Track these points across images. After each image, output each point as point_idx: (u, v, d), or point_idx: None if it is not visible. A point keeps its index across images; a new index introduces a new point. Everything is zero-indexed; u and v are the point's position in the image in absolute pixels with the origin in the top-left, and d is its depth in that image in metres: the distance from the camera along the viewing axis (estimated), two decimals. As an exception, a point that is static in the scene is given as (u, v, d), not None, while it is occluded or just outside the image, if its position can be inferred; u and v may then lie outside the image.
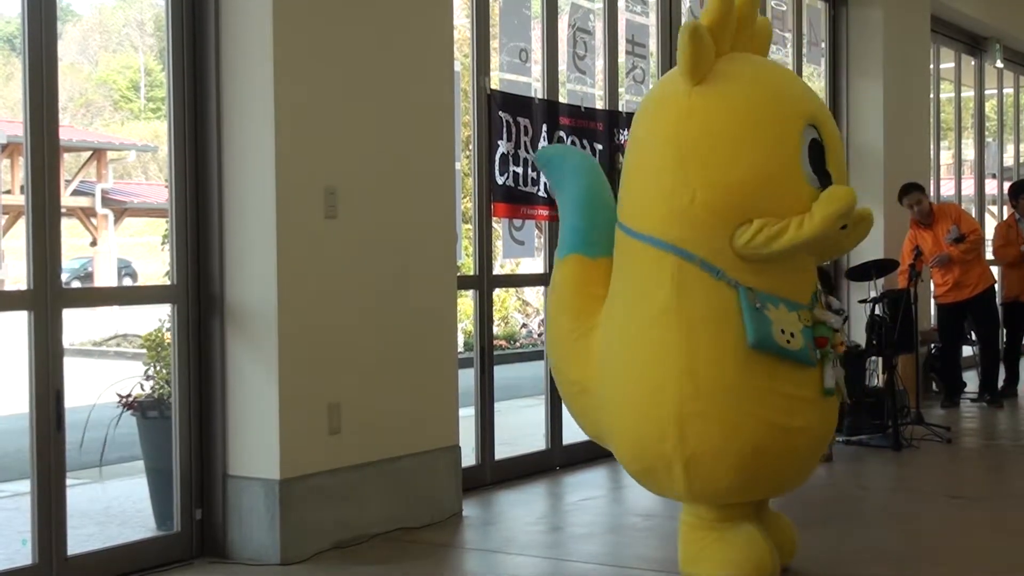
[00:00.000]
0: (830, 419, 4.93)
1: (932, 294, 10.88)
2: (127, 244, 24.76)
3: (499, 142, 7.12)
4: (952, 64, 13.39)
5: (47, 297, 4.88)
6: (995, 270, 11.31)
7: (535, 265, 8.60)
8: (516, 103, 7.27)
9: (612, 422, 4.96)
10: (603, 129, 7.94)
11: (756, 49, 5.02)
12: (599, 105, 8.12)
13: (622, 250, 4.96)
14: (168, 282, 5.53)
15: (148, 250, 22.85)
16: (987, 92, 14.29)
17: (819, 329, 4.74)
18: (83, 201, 20.26)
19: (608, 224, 5.22)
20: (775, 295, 4.66)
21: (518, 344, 17.51)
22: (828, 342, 4.74)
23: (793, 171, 4.64)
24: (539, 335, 16.80)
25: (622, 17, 8.32)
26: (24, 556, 4.98)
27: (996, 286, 10.92)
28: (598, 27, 8.19)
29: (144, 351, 6.09)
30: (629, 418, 4.84)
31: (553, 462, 7.63)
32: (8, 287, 16.04)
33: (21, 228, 4.94)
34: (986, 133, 14.61)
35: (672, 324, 4.67)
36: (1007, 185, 12.01)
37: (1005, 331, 11.32)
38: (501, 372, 7.64)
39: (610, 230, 5.19)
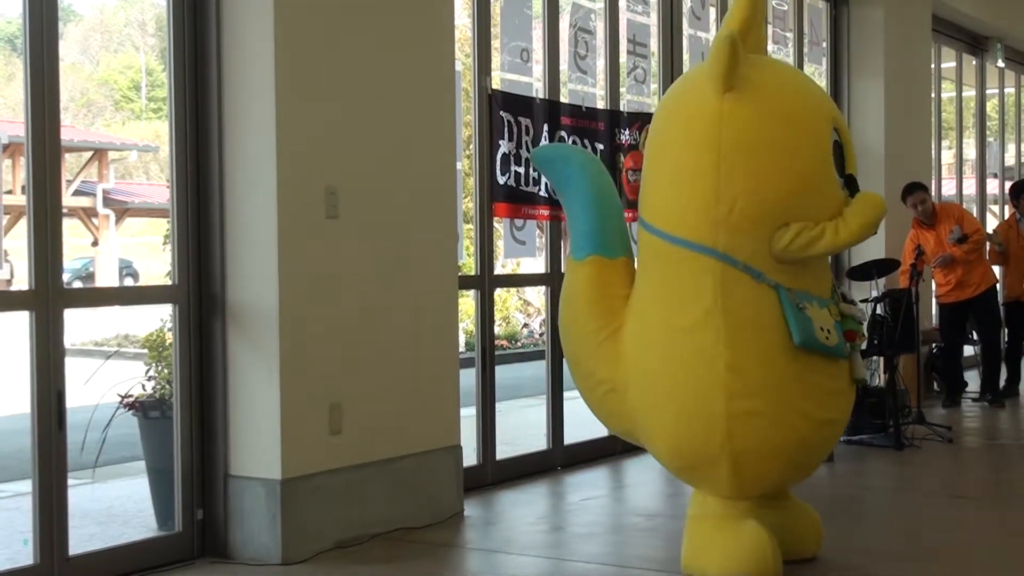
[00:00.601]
0: (851, 408, 5.14)
1: (934, 294, 10.87)
2: (128, 244, 24.78)
3: (500, 142, 7.12)
4: (953, 64, 13.38)
5: (48, 297, 4.88)
6: (997, 270, 11.30)
7: (536, 265, 8.59)
8: (517, 103, 7.27)
9: (650, 422, 5.05)
10: (604, 129, 7.93)
11: (758, 48, 5.10)
12: (600, 105, 8.12)
13: (653, 253, 5.02)
14: (169, 282, 5.53)
15: (149, 250, 22.86)
16: (988, 92, 14.29)
17: (847, 323, 4.94)
18: (84, 201, 20.28)
19: (619, 223, 5.35)
20: (808, 293, 4.84)
21: (519, 344, 17.51)
22: (857, 335, 4.95)
23: (828, 175, 4.82)
24: (540, 335, 16.79)
25: (623, 17, 8.33)
26: (26, 556, 4.98)
27: (998, 286, 10.93)
28: (599, 27, 8.19)
29: (145, 351, 6.10)
30: (670, 418, 4.95)
31: (554, 462, 7.63)
32: (13, 287, 16.05)
33: (22, 228, 4.94)
34: (987, 133, 14.61)
35: (717, 326, 4.80)
36: (1008, 185, 12.02)
37: (1006, 331, 11.32)
38: (502, 372, 7.64)
39: (622, 229, 5.34)
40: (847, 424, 5.23)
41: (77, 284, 19.25)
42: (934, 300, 11.12)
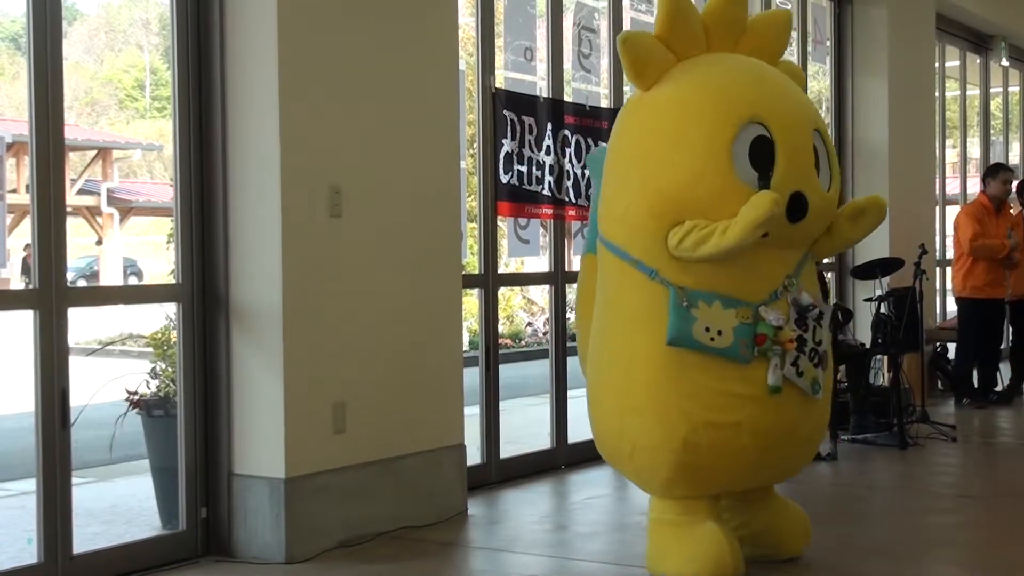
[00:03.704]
0: (792, 417, 4.88)
1: (953, 290, 10.76)
2: (132, 243, 24.79)
3: (503, 141, 7.12)
4: (957, 62, 13.37)
5: (53, 296, 4.88)
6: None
7: (540, 264, 8.60)
8: (521, 102, 7.27)
9: (590, 415, 5.21)
10: (608, 128, 7.92)
11: (756, 47, 5.05)
12: (604, 104, 8.12)
13: (599, 252, 5.17)
14: (173, 281, 5.54)
15: (153, 249, 22.89)
16: (992, 90, 14.27)
17: (760, 326, 4.75)
18: (89, 200, 20.27)
19: None
20: (713, 292, 4.73)
21: (523, 343, 17.50)
22: (767, 339, 4.73)
23: (723, 170, 4.67)
24: (544, 334, 16.79)
25: (627, 15, 8.33)
26: (30, 555, 4.98)
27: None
28: (603, 25, 8.19)
29: (150, 350, 6.10)
30: (594, 412, 5.13)
31: (558, 461, 7.63)
32: (17, 286, 16.06)
33: (26, 227, 4.94)
34: (991, 131, 14.59)
35: (614, 322, 4.95)
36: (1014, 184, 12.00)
37: (1012, 329, 11.31)
38: (506, 371, 7.64)
39: None
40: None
41: (81, 283, 19.26)
42: (950, 298, 11.10)
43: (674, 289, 4.71)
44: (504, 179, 7.15)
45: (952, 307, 11.28)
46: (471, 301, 9.31)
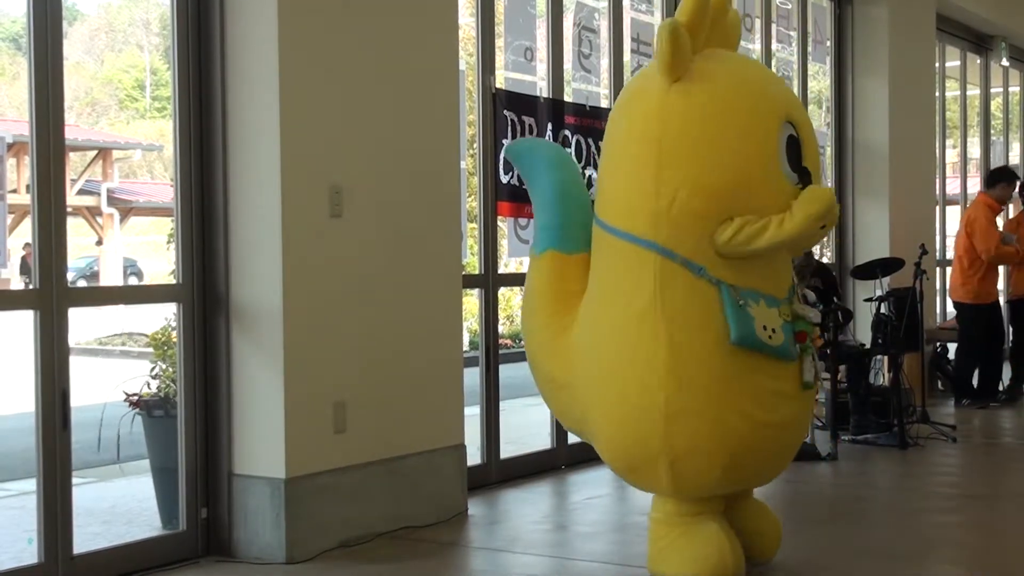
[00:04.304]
0: (807, 412, 5.00)
1: (964, 296, 10.76)
2: (133, 243, 24.78)
3: (504, 141, 7.12)
4: (957, 62, 13.37)
5: (53, 296, 4.88)
6: (1000, 268, 11.31)
7: (540, 264, 8.57)
8: (521, 102, 7.27)
9: (596, 419, 4.99)
10: (608, 128, 7.92)
11: (726, 43, 5.04)
12: (604, 104, 8.12)
13: (601, 247, 4.98)
14: (173, 281, 5.54)
15: (154, 249, 22.86)
16: (993, 90, 14.28)
17: (799, 324, 4.79)
18: (89, 200, 20.26)
19: (582, 219, 5.21)
20: (756, 291, 4.70)
21: (523, 343, 17.48)
22: (808, 336, 4.79)
23: (773, 170, 4.69)
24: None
25: (627, 15, 8.33)
26: (30, 555, 4.99)
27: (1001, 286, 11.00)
28: (603, 25, 8.19)
29: (151, 350, 6.10)
30: (614, 416, 4.88)
31: (558, 461, 7.63)
32: (17, 286, 16.06)
33: (26, 227, 4.94)
34: (992, 131, 14.60)
35: (655, 322, 4.71)
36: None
37: (1011, 328, 11.31)
38: (506, 371, 7.64)
39: (585, 225, 5.18)
40: (805, 429, 5.01)
41: (81, 283, 19.26)
42: (948, 300, 11.14)
43: (727, 287, 4.64)
44: (504, 179, 7.15)
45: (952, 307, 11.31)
46: (471, 301, 9.32)
